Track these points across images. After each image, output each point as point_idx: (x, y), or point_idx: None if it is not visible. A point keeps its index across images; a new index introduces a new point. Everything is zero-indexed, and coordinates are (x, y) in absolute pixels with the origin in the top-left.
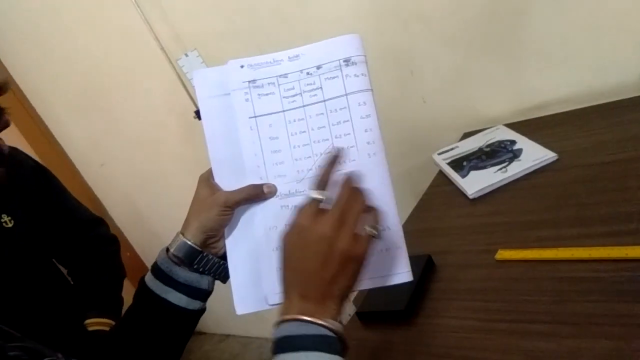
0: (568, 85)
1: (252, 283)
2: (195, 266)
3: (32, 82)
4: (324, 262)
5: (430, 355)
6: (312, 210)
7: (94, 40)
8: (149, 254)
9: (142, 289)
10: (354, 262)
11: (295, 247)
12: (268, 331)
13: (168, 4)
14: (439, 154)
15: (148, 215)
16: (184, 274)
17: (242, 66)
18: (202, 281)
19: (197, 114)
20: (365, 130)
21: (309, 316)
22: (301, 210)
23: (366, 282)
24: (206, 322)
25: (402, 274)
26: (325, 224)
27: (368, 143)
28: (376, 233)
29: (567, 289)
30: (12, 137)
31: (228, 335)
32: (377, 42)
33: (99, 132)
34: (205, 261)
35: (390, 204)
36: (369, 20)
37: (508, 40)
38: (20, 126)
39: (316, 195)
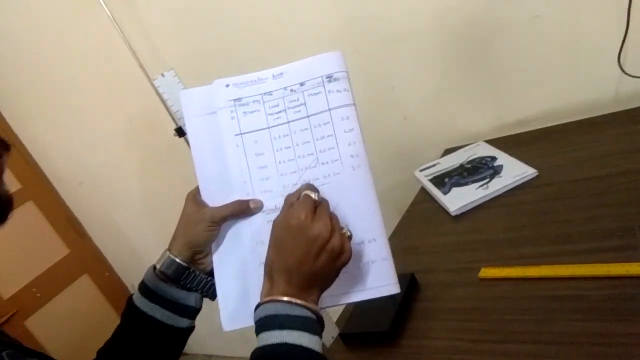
0: (547, 102)
1: (240, 299)
2: (182, 282)
3: (8, 100)
4: (316, 257)
5: None
6: (309, 207)
7: (72, 58)
8: (128, 273)
9: (130, 307)
10: (341, 261)
11: (290, 237)
12: (251, 351)
13: (147, 22)
14: (421, 170)
15: (127, 234)
16: (170, 291)
17: (227, 85)
18: (189, 298)
19: (178, 132)
20: (349, 144)
21: (295, 298)
22: (299, 205)
23: (354, 295)
24: (188, 342)
25: (389, 286)
26: (321, 225)
27: (352, 156)
28: (350, 234)
29: (550, 307)
30: None
31: (211, 356)
32: (358, 59)
33: (77, 150)
34: (192, 277)
35: (375, 216)
36: (348, 38)
37: (487, 58)
38: None
39: (313, 195)
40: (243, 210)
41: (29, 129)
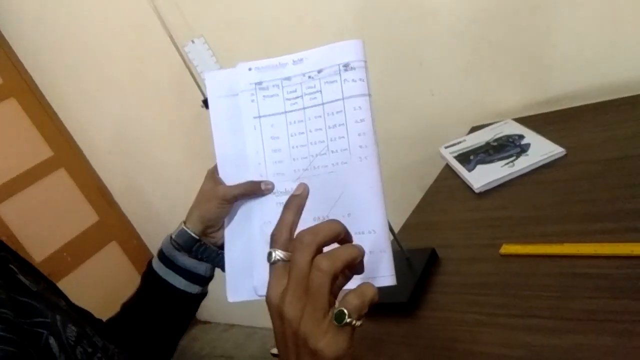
0: (579, 80)
1: (245, 273)
2: (193, 253)
3: (42, 70)
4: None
5: (432, 348)
6: (277, 280)
7: (104, 27)
8: (155, 241)
9: (148, 271)
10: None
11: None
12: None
13: None
14: (446, 147)
15: (154, 202)
16: (182, 259)
17: (250, 69)
18: (200, 267)
19: (205, 103)
20: (359, 134)
21: None
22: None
23: (349, 282)
24: (211, 311)
25: (385, 277)
26: (286, 307)
27: (360, 147)
28: (359, 323)
29: (571, 284)
30: (22, 123)
31: (232, 325)
32: (387, 33)
33: (107, 119)
34: (203, 249)
35: (378, 208)
36: (377, 11)
37: (518, 33)
38: (29, 112)
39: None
40: (254, 190)
41: (61, 98)
